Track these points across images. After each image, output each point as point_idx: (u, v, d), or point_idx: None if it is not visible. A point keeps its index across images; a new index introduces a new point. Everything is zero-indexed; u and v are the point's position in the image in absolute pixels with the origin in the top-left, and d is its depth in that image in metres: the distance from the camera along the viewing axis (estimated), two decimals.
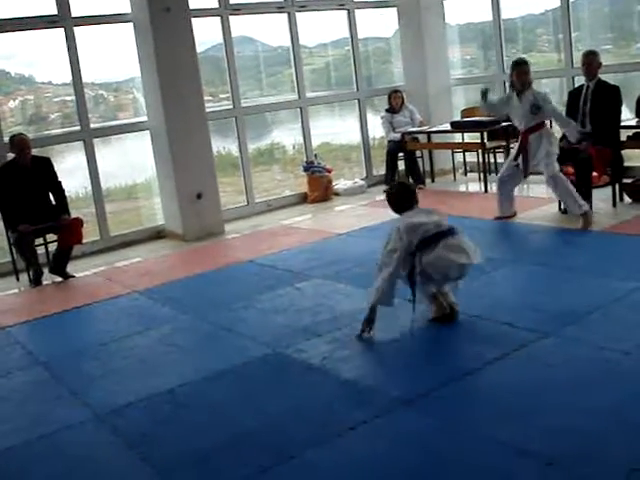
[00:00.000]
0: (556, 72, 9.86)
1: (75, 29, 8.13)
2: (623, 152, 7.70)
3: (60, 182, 7.36)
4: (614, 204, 7.51)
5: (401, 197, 5.01)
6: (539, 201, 7.47)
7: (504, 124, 9.14)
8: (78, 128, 8.40)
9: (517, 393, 3.79)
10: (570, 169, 7.26)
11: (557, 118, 7.29)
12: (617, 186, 7.63)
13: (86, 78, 8.42)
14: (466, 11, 11.12)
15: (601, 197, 7.54)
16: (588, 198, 7.22)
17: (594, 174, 7.40)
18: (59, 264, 7.28)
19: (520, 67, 7.18)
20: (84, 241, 7.62)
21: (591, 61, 7.47)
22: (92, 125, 8.56)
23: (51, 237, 7.42)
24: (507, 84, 9.72)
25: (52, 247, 7.45)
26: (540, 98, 7.07)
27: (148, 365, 4.79)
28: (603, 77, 7.56)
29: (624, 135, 7.72)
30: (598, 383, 3.79)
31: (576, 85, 8.56)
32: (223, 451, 3.53)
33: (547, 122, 7.32)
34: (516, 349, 4.30)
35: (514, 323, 4.70)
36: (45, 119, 9.12)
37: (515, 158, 7.34)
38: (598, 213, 7.17)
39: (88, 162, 8.40)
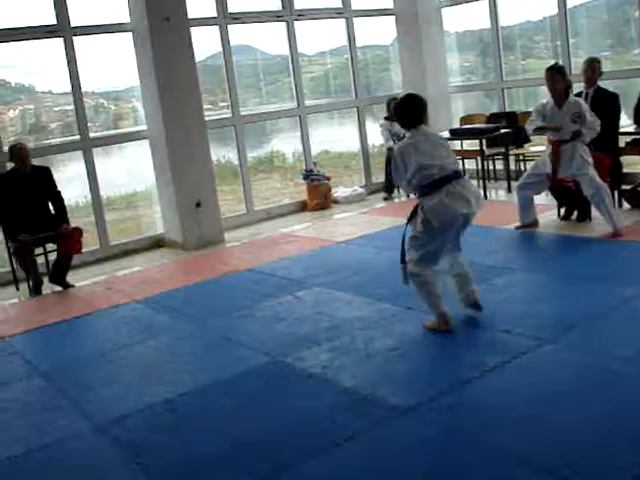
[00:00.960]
0: None
1: (74, 39, 8.15)
2: (622, 158, 7.71)
3: (59, 191, 7.37)
4: None
5: (405, 109, 4.84)
6: (538, 208, 7.45)
7: (503, 131, 9.16)
8: (78, 137, 8.41)
9: (517, 401, 3.78)
10: (569, 176, 7.25)
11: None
12: (616, 192, 7.64)
13: (86, 87, 8.45)
14: (464, 19, 11.16)
15: None
16: (587, 206, 7.24)
17: None
18: (59, 273, 7.28)
19: (549, 73, 6.87)
20: (84, 250, 7.62)
21: (594, 68, 7.48)
22: (92, 134, 8.57)
23: (51, 246, 7.41)
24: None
25: (52, 256, 7.44)
26: (582, 107, 6.75)
27: (148, 374, 4.78)
28: (602, 84, 7.57)
29: (622, 142, 7.73)
30: (598, 390, 3.79)
31: (575, 91, 8.58)
32: (223, 461, 3.53)
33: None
34: (516, 356, 4.30)
35: (514, 330, 4.70)
36: (45, 128, 9.15)
37: (544, 167, 7.04)
38: (598, 220, 7.17)
39: (87, 171, 8.40)
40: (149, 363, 5.01)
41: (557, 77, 6.75)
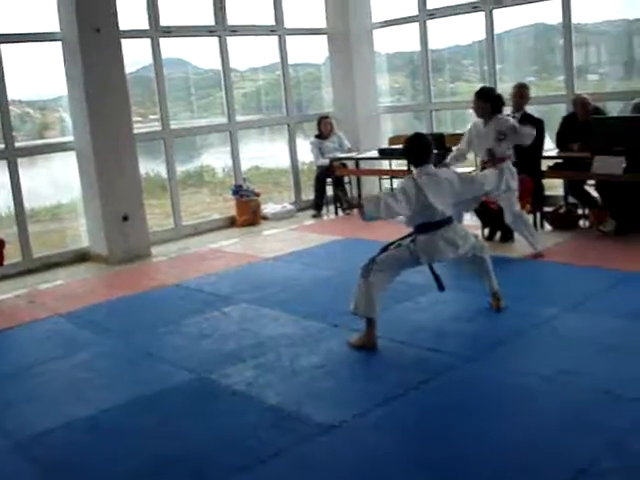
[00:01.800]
0: None
1: (1, 46, 7.99)
2: (544, 182, 7.93)
3: None
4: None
5: (413, 148, 5.13)
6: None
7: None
8: (2, 146, 8.22)
9: (439, 418, 3.85)
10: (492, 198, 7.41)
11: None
12: (538, 214, 7.84)
13: (12, 95, 8.27)
14: (395, 40, 11.32)
15: None
16: (509, 227, 7.40)
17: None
18: None
19: (476, 95, 7.07)
20: (5, 262, 7.43)
21: (522, 94, 7.69)
22: (17, 144, 8.39)
23: None
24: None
25: None
26: (507, 126, 6.82)
27: (69, 391, 4.70)
28: (528, 109, 7.77)
29: (545, 165, 7.95)
30: (519, 408, 3.89)
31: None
32: (145, 478, 3.49)
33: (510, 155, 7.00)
34: (440, 374, 4.38)
35: (438, 348, 4.78)
36: None
37: None
38: (519, 241, 7.35)
39: (11, 181, 8.21)
40: (71, 379, 4.91)
41: (478, 100, 6.91)
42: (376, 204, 4.78)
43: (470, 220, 7.86)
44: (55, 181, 9.47)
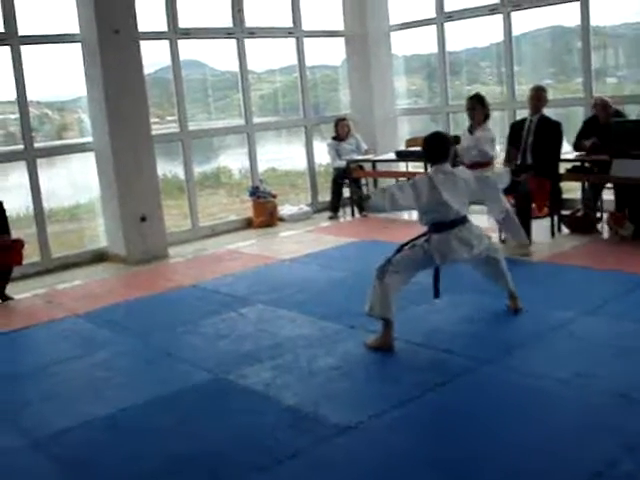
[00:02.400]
0: (499, 105, 10.10)
1: (22, 47, 8.06)
2: (561, 184, 7.90)
3: (1, 202, 7.23)
4: (553, 235, 7.69)
5: (430, 145, 5.20)
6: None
7: None
8: (22, 147, 8.29)
9: (455, 421, 3.84)
10: (510, 199, 7.39)
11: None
12: (556, 217, 7.82)
13: (31, 96, 8.34)
14: (412, 43, 11.33)
15: (540, 228, 7.71)
16: (527, 229, 7.38)
17: (533, 206, 7.56)
18: None
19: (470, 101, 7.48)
20: (24, 262, 7.50)
21: (540, 97, 7.65)
22: (36, 145, 8.46)
23: None
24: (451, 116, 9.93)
25: None
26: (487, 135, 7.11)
27: (87, 390, 4.73)
28: (545, 112, 7.75)
29: (562, 168, 7.92)
30: (536, 411, 3.87)
31: (517, 118, 8.80)
32: (163, 477, 3.51)
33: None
34: (456, 376, 4.37)
35: (454, 350, 4.78)
36: None
37: None
38: (538, 244, 7.33)
39: (31, 182, 8.28)
40: (89, 378, 4.94)
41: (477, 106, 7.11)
42: (382, 195, 4.84)
43: (487, 222, 7.84)
44: (74, 181, 9.53)
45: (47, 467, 3.76)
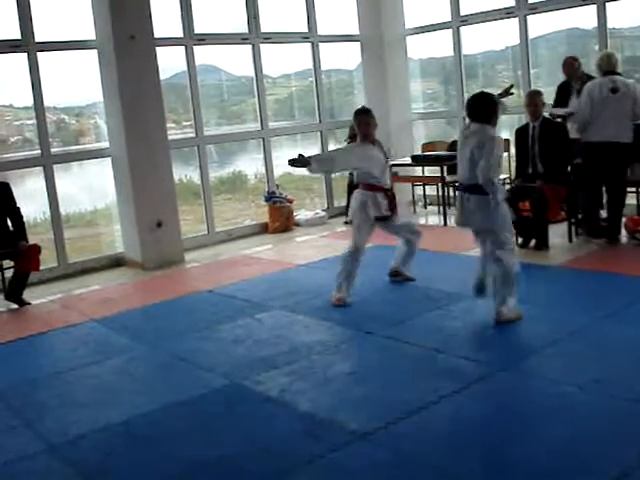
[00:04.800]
0: (515, 108, 10.06)
1: (38, 54, 8.10)
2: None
3: (19, 208, 7.25)
4: (570, 240, 7.63)
5: (471, 102, 5.31)
6: None
7: None
8: (38, 152, 8.33)
9: (473, 427, 3.82)
10: (526, 204, 7.36)
11: None
12: (572, 222, 7.77)
13: (48, 102, 8.38)
14: (428, 46, 11.31)
15: (557, 233, 7.66)
16: (544, 234, 7.34)
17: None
18: (15, 291, 7.17)
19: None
20: (41, 268, 7.53)
21: (537, 102, 7.50)
22: (53, 150, 8.49)
23: (8, 263, 7.30)
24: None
25: (8, 273, 7.35)
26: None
27: (104, 395, 4.74)
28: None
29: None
30: (553, 417, 3.84)
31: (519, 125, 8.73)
32: None
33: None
34: (473, 383, 4.34)
35: (471, 356, 4.75)
36: (5, 142, 9.05)
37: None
38: (554, 248, 7.29)
39: (47, 188, 8.31)
40: (105, 384, 4.95)
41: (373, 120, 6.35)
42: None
43: None
44: (90, 187, 9.58)
45: (64, 472, 3.76)
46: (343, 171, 6.67)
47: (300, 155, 6.00)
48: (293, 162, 5.97)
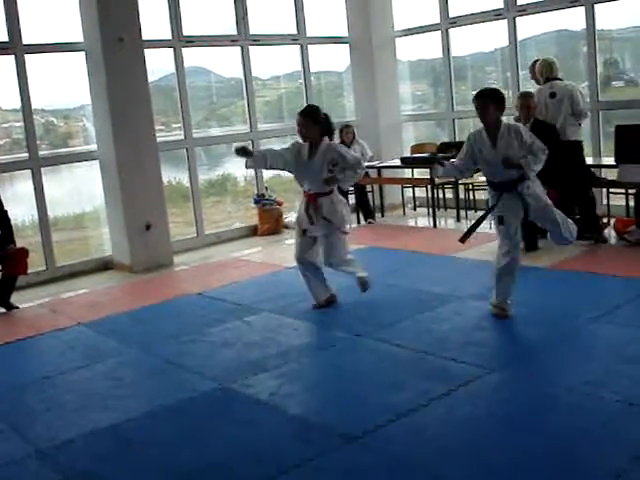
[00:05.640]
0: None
1: (26, 56, 8.06)
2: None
3: (6, 211, 7.19)
4: None
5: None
6: (487, 237, 7.52)
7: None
8: (26, 155, 8.28)
9: (463, 429, 3.81)
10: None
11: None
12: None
13: (36, 104, 8.34)
14: (417, 48, 11.32)
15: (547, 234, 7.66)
16: (534, 237, 7.32)
17: None
18: (3, 295, 7.12)
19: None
20: (29, 271, 7.48)
21: (530, 103, 7.48)
22: (41, 153, 8.45)
23: None
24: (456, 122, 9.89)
25: None
26: (341, 149, 6.14)
27: (92, 400, 4.70)
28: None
29: None
30: (543, 419, 3.83)
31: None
32: None
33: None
34: (462, 385, 4.33)
35: (461, 359, 4.74)
36: None
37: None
38: (545, 249, 7.29)
39: (35, 190, 8.27)
40: (94, 388, 4.92)
41: (308, 123, 5.96)
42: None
43: (496, 229, 7.78)
44: (78, 190, 9.53)
45: (52, 477, 3.73)
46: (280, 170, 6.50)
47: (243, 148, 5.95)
48: (237, 151, 5.90)
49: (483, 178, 9.49)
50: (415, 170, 10.24)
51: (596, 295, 5.93)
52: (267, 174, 10.44)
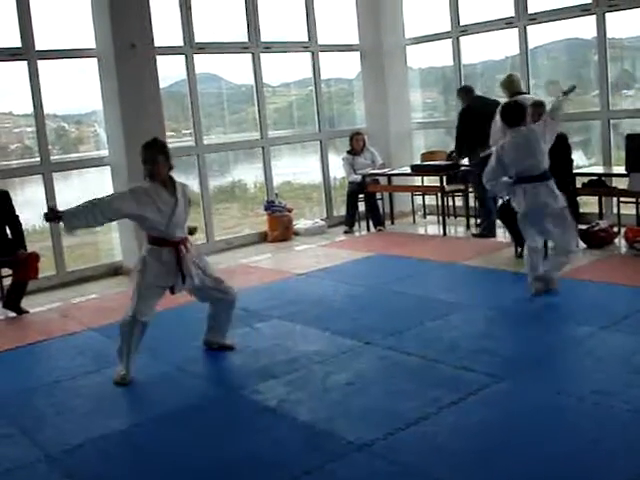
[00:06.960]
0: None
1: (39, 62, 8.11)
2: (578, 199, 7.83)
3: (18, 216, 7.22)
4: None
5: (510, 113, 6.17)
6: (497, 244, 7.55)
7: (463, 168, 9.28)
8: (38, 160, 8.32)
9: (472, 438, 3.81)
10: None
11: None
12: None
13: (47, 110, 8.38)
14: (428, 56, 11.32)
15: None
16: (545, 244, 7.30)
17: None
18: (13, 299, 7.15)
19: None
20: (40, 276, 7.51)
21: (541, 113, 7.47)
22: (52, 158, 8.49)
23: (6, 271, 7.29)
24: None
25: (7, 282, 7.32)
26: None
27: (102, 404, 4.71)
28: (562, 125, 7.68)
29: (579, 182, 7.86)
30: (553, 428, 3.82)
31: None
32: None
33: None
34: (472, 393, 4.32)
35: (470, 367, 4.73)
36: (4, 150, 9.04)
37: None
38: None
39: (46, 195, 8.30)
40: (103, 393, 4.92)
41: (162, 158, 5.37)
42: None
43: (502, 237, 7.80)
44: (89, 195, 9.51)
45: None
46: (115, 220, 5.82)
47: (50, 209, 5.18)
48: (46, 217, 5.18)
49: None
50: (425, 178, 10.23)
51: (605, 304, 5.90)
52: (277, 180, 10.46)
